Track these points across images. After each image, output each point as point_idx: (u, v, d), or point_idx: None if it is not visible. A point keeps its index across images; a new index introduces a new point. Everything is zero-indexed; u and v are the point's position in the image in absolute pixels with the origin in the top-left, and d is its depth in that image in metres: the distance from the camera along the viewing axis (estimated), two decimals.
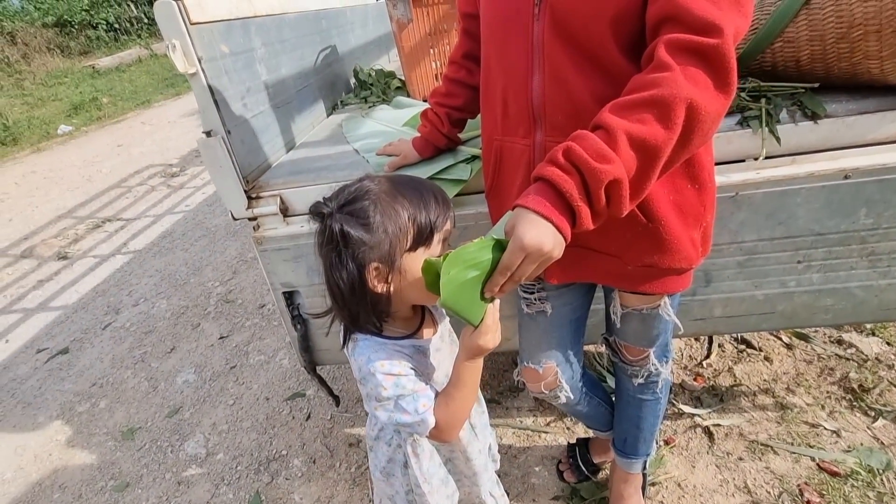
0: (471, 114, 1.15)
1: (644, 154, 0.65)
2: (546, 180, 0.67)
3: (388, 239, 0.73)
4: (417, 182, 0.79)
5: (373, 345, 0.81)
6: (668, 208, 0.83)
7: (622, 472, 1.28)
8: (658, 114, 0.64)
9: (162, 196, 4.29)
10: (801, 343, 1.78)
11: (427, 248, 0.76)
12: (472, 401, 0.82)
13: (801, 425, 1.51)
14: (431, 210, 0.75)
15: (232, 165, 1.20)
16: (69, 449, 1.90)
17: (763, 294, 1.25)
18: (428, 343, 0.87)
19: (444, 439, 0.83)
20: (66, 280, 3.16)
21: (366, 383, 0.80)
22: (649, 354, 1.06)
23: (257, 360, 2.17)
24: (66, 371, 2.33)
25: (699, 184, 0.83)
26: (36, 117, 7.56)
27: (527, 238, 0.64)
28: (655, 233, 0.84)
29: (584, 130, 0.68)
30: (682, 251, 0.86)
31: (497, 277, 0.67)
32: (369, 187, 0.75)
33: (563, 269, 0.95)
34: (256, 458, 1.72)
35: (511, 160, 0.92)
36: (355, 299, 0.77)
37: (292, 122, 1.59)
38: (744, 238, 1.18)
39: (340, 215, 0.74)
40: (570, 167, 0.65)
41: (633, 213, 0.82)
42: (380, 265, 0.74)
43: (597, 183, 0.64)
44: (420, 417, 0.77)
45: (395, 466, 0.98)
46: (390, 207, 0.73)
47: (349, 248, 0.73)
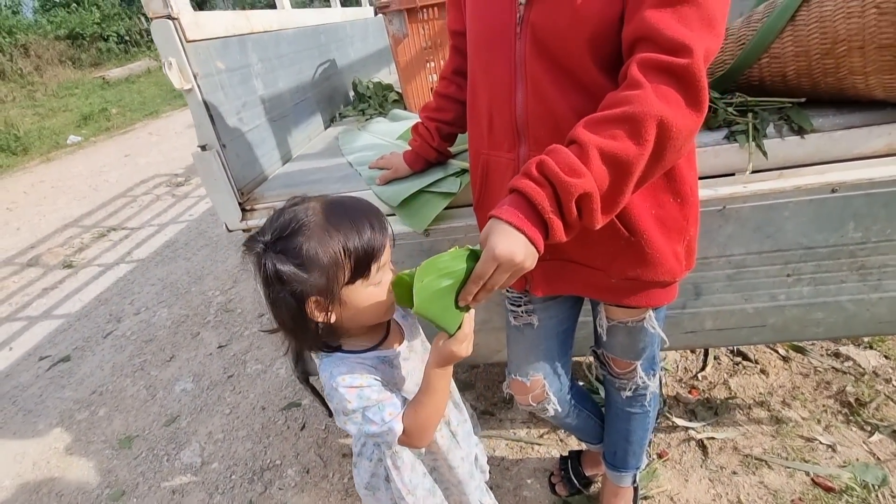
0: (460, 128, 1.17)
1: (616, 169, 0.67)
2: (520, 192, 0.68)
3: (324, 275, 0.72)
4: (353, 208, 0.77)
5: (334, 360, 0.81)
6: (651, 222, 0.84)
7: (612, 485, 1.27)
8: (629, 130, 0.65)
9: (167, 205, 4.34)
10: (797, 356, 1.77)
11: (365, 279, 0.75)
12: (442, 407, 0.83)
13: (796, 439, 1.49)
14: (367, 239, 0.74)
15: (226, 178, 1.22)
16: (67, 457, 1.91)
17: (753, 307, 1.25)
18: (394, 353, 0.87)
19: (414, 445, 0.83)
20: (70, 288, 3.20)
21: (332, 399, 0.80)
22: (636, 367, 1.06)
23: (255, 370, 2.18)
24: (66, 379, 2.35)
25: (681, 198, 0.84)
26: (46, 128, 7.69)
27: (499, 248, 0.65)
28: (638, 246, 0.85)
29: (558, 145, 0.69)
30: (665, 265, 0.86)
31: (470, 286, 0.69)
32: (302, 219, 0.73)
33: (548, 281, 0.96)
34: (251, 467, 1.72)
35: (497, 173, 0.93)
36: (299, 329, 0.77)
37: (289, 136, 1.62)
38: (732, 251, 1.19)
39: (273, 253, 0.72)
40: (543, 180, 0.67)
41: (615, 226, 0.83)
42: (319, 298, 0.73)
43: (567, 196, 0.65)
44: (387, 426, 0.77)
45: (378, 481, 0.98)
46: (324, 242, 0.72)
47: (285, 285, 0.72)
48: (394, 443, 0.80)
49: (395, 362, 0.87)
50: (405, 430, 0.79)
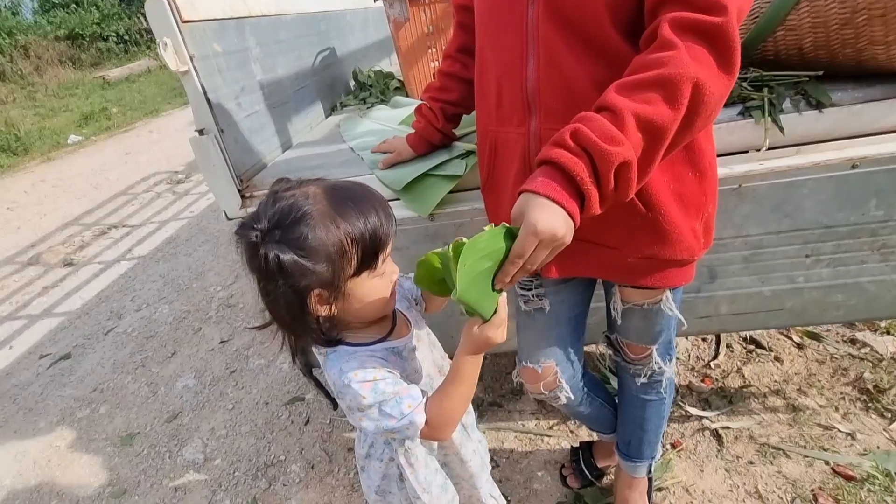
0: (465, 109, 1.13)
1: (650, 135, 0.64)
2: (554, 163, 0.64)
3: (329, 267, 0.67)
4: (358, 194, 0.71)
5: (342, 355, 0.76)
6: (669, 197, 0.80)
7: (627, 476, 1.24)
8: (665, 94, 0.62)
9: (167, 202, 4.31)
10: (812, 343, 1.73)
11: (372, 270, 0.71)
12: (469, 397, 0.78)
13: (813, 428, 1.45)
14: (375, 228, 0.69)
15: (225, 164, 1.19)
16: (68, 455, 1.88)
17: (770, 290, 1.21)
18: (403, 344, 0.83)
19: (437, 438, 0.79)
20: (71, 286, 3.18)
21: (344, 396, 0.75)
22: (652, 352, 1.02)
23: (257, 365, 2.15)
24: (67, 376, 2.32)
25: (700, 171, 0.81)
26: (47, 128, 7.66)
27: (540, 223, 0.62)
28: (655, 223, 0.81)
29: (589, 112, 0.66)
30: (682, 242, 0.82)
31: (509, 267, 0.65)
32: (304, 206, 0.67)
33: (560, 263, 0.92)
34: (254, 463, 1.69)
35: (506, 151, 0.90)
36: (297, 323, 0.72)
37: (289, 123, 1.58)
38: (749, 232, 1.14)
39: (273, 243, 0.65)
40: (579, 149, 0.63)
41: (632, 202, 0.79)
42: (322, 291, 0.69)
43: (607, 165, 0.62)
44: (407, 420, 0.73)
45: (390, 483, 0.93)
46: (330, 230, 0.66)
47: (287, 278, 0.66)
48: (415, 436, 0.75)
49: (405, 353, 0.83)
50: (429, 421, 0.74)
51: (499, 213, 0.99)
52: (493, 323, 0.70)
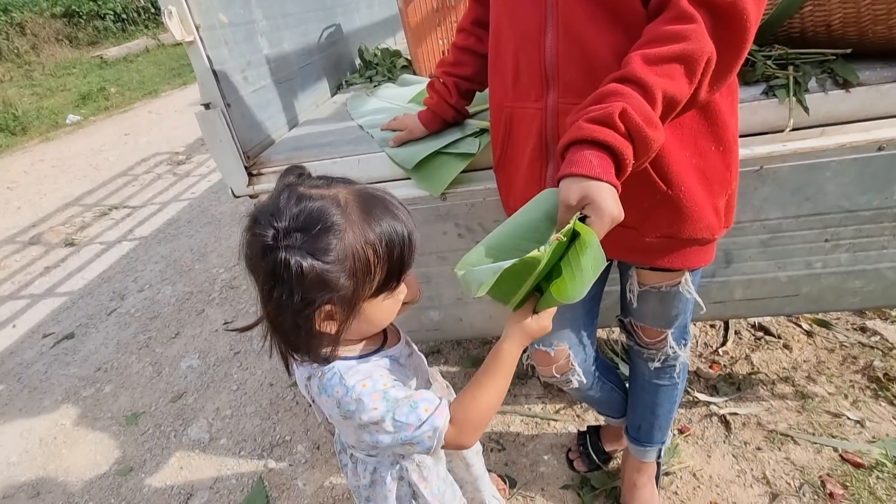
0: (480, 84, 1.10)
1: (667, 110, 0.65)
2: (607, 146, 0.63)
3: (352, 284, 0.61)
4: (393, 211, 0.65)
5: (343, 371, 0.68)
6: (690, 173, 0.78)
7: (635, 460, 1.23)
8: (686, 69, 0.63)
9: (168, 184, 4.27)
10: (821, 330, 1.72)
11: (390, 294, 0.66)
12: (504, 393, 0.72)
13: (822, 415, 1.45)
14: (404, 250, 0.64)
15: (232, 140, 1.16)
16: (74, 433, 1.89)
17: (787, 275, 1.19)
18: (399, 352, 0.79)
19: (463, 443, 0.69)
20: (73, 266, 3.16)
21: (353, 415, 0.66)
22: (667, 336, 1.01)
23: (261, 346, 2.14)
24: (71, 356, 2.32)
25: (724, 146, 0.78)
26: (45, 107, 7.57)
27: (616, 211, 0.62)
28: (675, 201, 0.79)
29: (620, 85, 0.64)
30: (703, 220, 0.80)
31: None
32: (335, 217, 0.60)
33: None
34: (260, 443, 1.69)
35: (522, 127, 0.87)
36: (297, 336, 0.65)
37: (295, 100, 1.54)
38: (768, 215, 1.12)
39: (296, 248, 0.58)
40: (627, 133, 0.63)
41: (650, 179, 0.77)
42: (333, 308, 0.62)
43: (647, 151, 0.64)
44: (428, 425, 0.65)
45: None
46: (360, 247, 0.60)
47: (303, 289, 0.59)
48: (438, 445, 0.67)
49: (402, 360, 0.79)
50: (455, 422, 0.68)
51: (511, 192, 0.97)
52: (550, 312, 0.69)
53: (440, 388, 0.92)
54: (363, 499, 0.85)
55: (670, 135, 0.75)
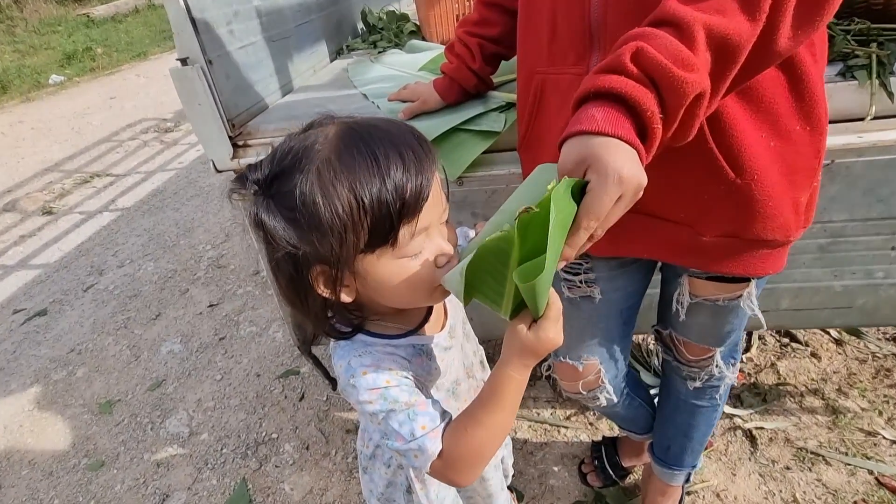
0: (507, 49, 0.93)
1: (721, 57, 0.49)
2: (615, 95, 0.48)
3: (326, 239, 0.50)
4: (381, 138, 0.51)
5: (356, 347, 0.60)
6: (768, 159, 0.63)
7: (660, 482, 1.11)
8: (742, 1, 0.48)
9: (154, 152, 4.05)
10: (852, 339, 1.60)
11: (392, 247, 0.52)
12: (507, 429, 0.59)
13: (855, 433, 1.34)
14: (395, 188, 0.49)
15: (213, 103, 0.98)
16: (42, 420, 1.75)
17: (842, 285, 1.06)
18: (434, 342, 0.66)
19: (454, 480, 0.58)
20: (49, 237, 2.97)
21: (347, 396, 0.60)
22: (714, 355, 0.87)
23: (249, 332, 2.00)
24: (43, 335, 2.16)
25: (812, 124, 0.63)
26: (27, 66, 7.19)
27: (626, 170, 0.46)
28: (745, 192, 0.64)
29: (646, 28, 0.50)
30: (778, 217, 0.66)
31: (580, 234, 0.48)
32: (310, 153, 0.50)
33: (612, 239, 0.74)
34: (244, 440, 1.56)
35: (555, 97, 0.71)
36: (301, 304, 0.57)
37: (290, 62, 1.36)
38: (831, 217, 0.98)
39: (264, 197, 0.52)
40: (644, 77, 0.48)
41: (716, 163, 0.62)
42: (324, 268, 0.53)
43: (679, 99, 0.48)
44: (417, 444, 0.55)
45: (396, 492, 0.79)
46: (327, 186, 0.49)
47: (278, 245, 0.51)
48: (424, 468, 0.57)
49: (432, 353, 0.66)
50: (444, 454, 0.56)
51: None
52: (550, 317, 0.51)
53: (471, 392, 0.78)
54: (362, 468, 0.81)
55: (742, 108, 0.60)
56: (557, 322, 0.52)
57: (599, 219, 0.47)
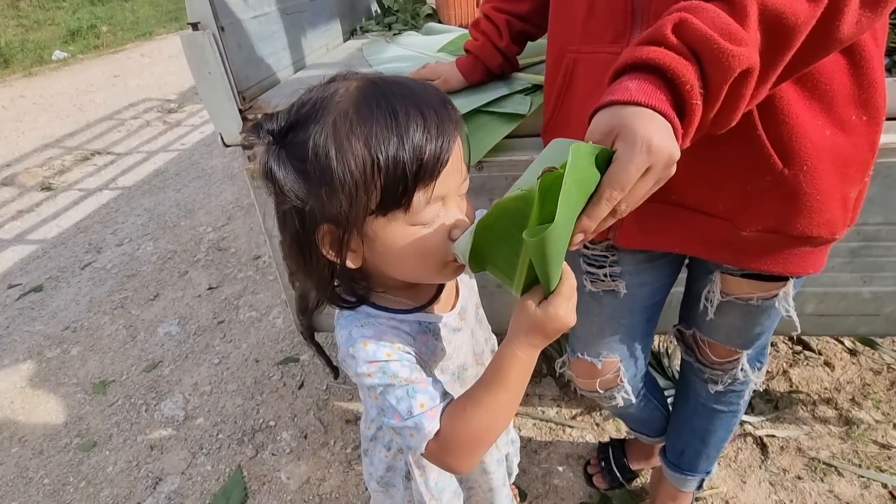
0: (536, 27, 0.88)
1: (774, 38, 0.45)
2: (652, 66, 0.45)
3: (336, 196, 0.47)
4: (403, 95, 0.48)
5: (360, 317, 0.57)
6: (822, 149, 0.58)
7: (671, 487, 1.08)
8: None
9: (157, 132, 3.99)
10: (866, 349, 1.56)
11: (405, 212, 0.48)
12: (508, 416, 0.55)
13: (869, 445, 1.31)
14: (413, 148, 0.46)
15: (224, 73, 0.94)
16: (34, 398, 1.70)
17: (871, 291, 1.02)
18: (443, 321, 0.63)
19: (450, 464, 0.55)
20: (48, 213, 2.92)
21: (346, 368, 0.57)
22: (740, 358, 0.83)
23: (248, 317, 1.95)
24: (38, 311, 2.12)
25: (870, 114, 0.59)
26: (30, 41, 7.10)
27: (656, 139, 0.42)
28: (792, 184, 0.60)
29: (693, 1, 0.47)
30: (825, 212, 0.62)
31: (602, 205, 0.43)
32: (328, 104, 0.48)
33: (643, 230, 0.71)
34: (240, 426, 1.52)
35: (588, 77, 0.67)
36: (304, 265, 0.55)
37: (303, 38, 1.31)
38: (866, 219, 0.93)
39: (276, 147, 0.49)
40: (686, 49, 0.44)
41: (764, 152, 0.58)
42: (332, 228, 0.50)
43: (723, 72, 0.44)
44: (413, 422, 0.52)
45: (395, 476, 0.76)
46: (341, 140, 0.46)
47: (286, 199, 0.49)
48: (419, 449, 0.54)
49: (439, 332, 0.62)
50: (441, 435, 0.53)
51: None
52: (562, 293, 0.47)
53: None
54: (364, 450, 0.78)
55: (797, 91, 0.56)
56: (570, 299, 0.48)
57: (624, 190, 0.43)
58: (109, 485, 1.40)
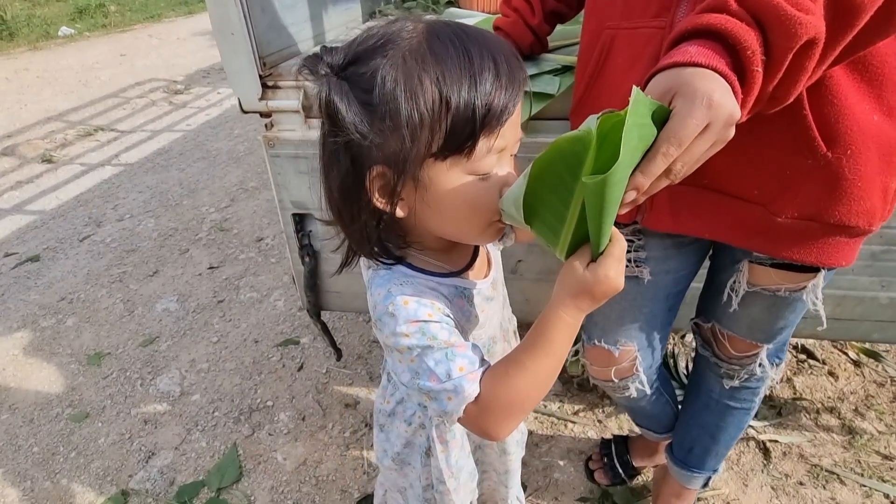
0: (570, 7, 0.87)
1: (839, 15, 0.44)
2: (714, 32, 0.44)
3: (398, 132, 0.45)
4: (476, 40, 0.47)
5: (397, 276, 0.56)
6: (868, 134, 0.57)
7: (677, 485, 1.06)
8: None
9: (162, 112, 3.95)
10: (870, 361, 1.56)
11: (467, 157, 0.47)
12: (551, 380, 0.53)
13: (871, 455, 1.30)
14: (485, 94, 0.45)
15: (247, 35, 0.92)
16: (26, 366, 1.67)
17: (889, 297, 1.01)
18: (477, 288, 0.61)
19: (487, 431, 0.53)
20: (48, 184, 2.88)
21: (382, 328, 0.55)
22: (760, 352, 0.82)
23: (249, 298, 1.93)
24: (33, 280, 2.08)
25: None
26: (37, 16, 7.03)
27: (717, 95, 0.41)
28: (834, 168, 0.59)
29: None
30: (865, 201, 0.61)
31: (659, 159, 0.41)
32: (396, 39, 0.46)
33: (674, 214, 0.70)
34: (237, 405, 1.50)
35: (625, 54, 0.65)
36: (350, 211, 0.53)
37: (324, 12, 1.29)
38: (890, 222, 0.92)
39: (338, 79, 0.47)
40: (748, 16, 0.44)
41: (808, 135, 0.57)
42: (385, 170, 0.48)
43: (787, 41, 0.43)
44: (453, 384, 0.51)
45: (413, 453, 0.74)
46: (412, 77, 0.45)
47: (340, 133, 0.47)
48: (457, 413, 0.52)
49: (476, 300, 0.61)
50: (482, 398, 0.51)
51: None
52: (614, 254, 0.46)
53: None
54: (379, 425, 0.75)
55: (847, 73, 0.55)
56: (620, 262, 0.47)
57: (682, 145, 0.41)
58: (100, 456, 1.37)
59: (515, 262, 1.10)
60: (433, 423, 0.69)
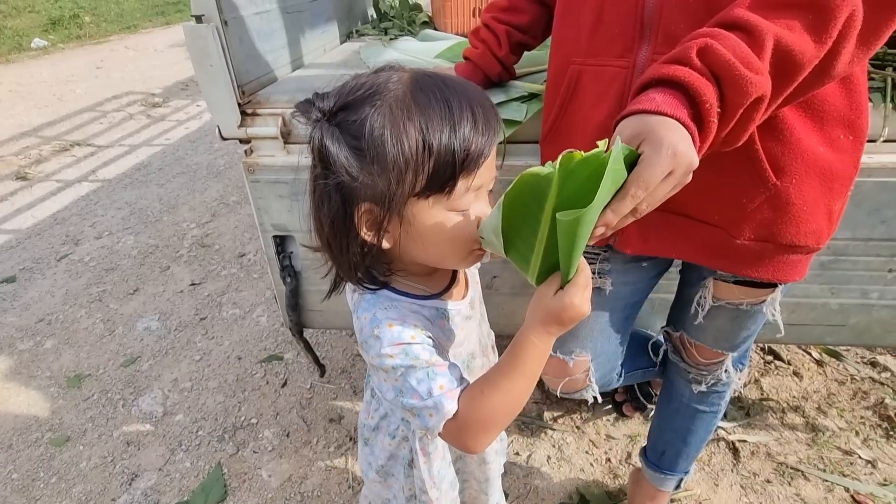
0: (534, 39, 0.92)
1: (782, 71, 0.50)
2: (677, 83, 0.50)
3: (385, 174, 0.50)
4: (455, 89, 0.52)
5: (382, 299, 0.60)
6: (812, 165, 0.63)
7: (650, 487, 1.11)
8: (814, 21, 0.49)
9: (140, 126, 3.91)
10: (832, 360, 1.64)
11: (447, 196, 0.52)
12: (523, 400, 0.58)
13: (833, 451, 1.37)
14: (463, 139, 0.50)
15: (225, 66, 0.95)
16: (4, 390, 1.65)
17: (838, 303, 1.08)
18: (457, 309, 0.65)
19: (466, 444, 0.58)
20: (23, 203, 2.83)
21: (368, 349, 0.59)
22: (725, 360, 0.87)
23: (231, 314, 1.93)
24: (10, 302, 2.05)
25: (855, 133, 0.64)
26: (8, 27, 6.89)
27: (681, 146, 0.46)
28: (783, 195, 0.65)
29: (715, 28, 0.52)
30: (812, 223, 0.67)
31: (626, 201, 0.47)
32: (379, 86, 0.52)
33: (643, 237, 0.75)
34: (221, 423, 1.50)
35: (593, 90, 0.70)
36: (339, 243, 0.57)
37: (302, 37, 1.32)
38: (836, 235, 0.99)
39: (329, 124, 0.52)
40: (708, 72, 0.50)
41: (759, 167, 0.63)
42: (373, 207, 0.53)
43: (741, 97, 0.49)
44: (433, 402, 0.55)
45: (396, 465, 0.77)
46: (398, 124, 0.49)
47: (332, 174, 0.52)
48: (437, 428, 0.56)
49: (456, 320, 0.65)
50: (460, 415, 0.55)
51: None
52: (579, 283, 0.50)
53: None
54: (363, 440, 0.79)
55: (795, 112, 0.61)
56: (585, 290, 0.51)
57: (648, 188, 0.46)
58: (83, 480, 1.36)
59: (491, 277, 1.14)
60: (416, 436, 0.72)
